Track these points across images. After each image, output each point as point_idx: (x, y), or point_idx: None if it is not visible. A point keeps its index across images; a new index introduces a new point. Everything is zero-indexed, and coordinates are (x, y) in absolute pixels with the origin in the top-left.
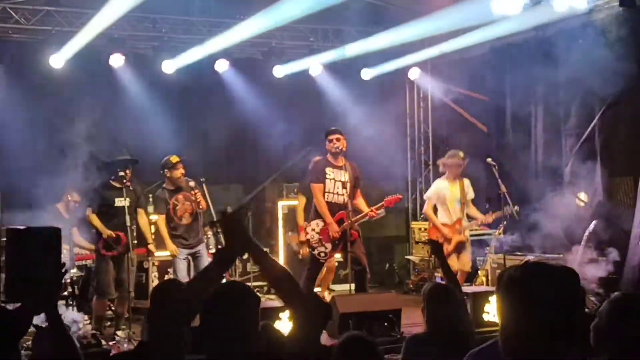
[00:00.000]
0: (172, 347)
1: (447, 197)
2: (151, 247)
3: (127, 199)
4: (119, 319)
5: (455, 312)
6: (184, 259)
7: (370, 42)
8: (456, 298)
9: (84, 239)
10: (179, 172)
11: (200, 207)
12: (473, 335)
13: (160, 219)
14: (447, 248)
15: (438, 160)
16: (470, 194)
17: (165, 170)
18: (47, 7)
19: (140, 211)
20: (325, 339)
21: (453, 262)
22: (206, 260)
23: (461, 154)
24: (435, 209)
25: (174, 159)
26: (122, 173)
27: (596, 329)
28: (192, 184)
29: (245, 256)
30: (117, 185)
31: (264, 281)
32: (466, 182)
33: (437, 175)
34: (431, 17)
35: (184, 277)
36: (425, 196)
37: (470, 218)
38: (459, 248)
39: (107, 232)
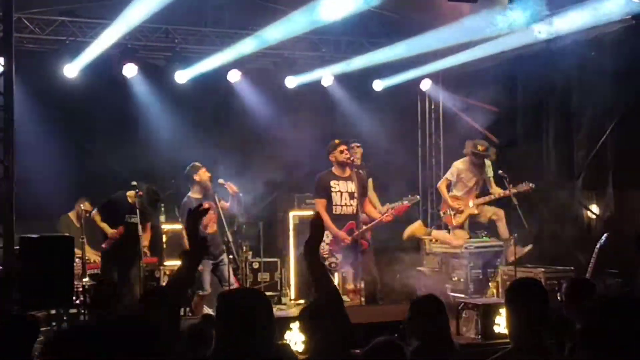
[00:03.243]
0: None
1: (465, 178)
2: (145, 250)
3: (138, 217)
4: None
5: (443, 325)
6: (210, 271)
7: (381, 53)
8: (445, 311)
9: (91, 250)
10: (206, 174)
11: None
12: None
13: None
14: (458, 220)
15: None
16: (490, 172)
17: (194, 175)
18: (61, 18)
19: (146, 225)
20: None
21: (461, 239)
22: (226, 270)
23: (480, 147)
24: (449, 187)
25: (197, 163)
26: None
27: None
28: (221, 181)
29: (256, 266)
30: (131, 201)
31: (274, 291)
32: (487, 161)
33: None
34: (443, 29)
35: (207, 289)
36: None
37: (491, 194)
38: (474, 220)
39: (112, 232)
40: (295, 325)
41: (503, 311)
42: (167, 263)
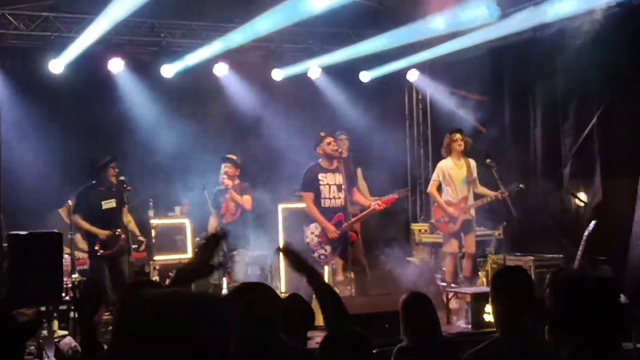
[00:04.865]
0: None
1: (453, 176)
2: (140, 238)
3: (114, 200)
4: None
5: (432, 321)
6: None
7: (368, 44)
8: (432, 307)
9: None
10: (225, 168)
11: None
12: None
13: (214, 214)
14: (453, 227)
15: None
16: (474, 174)
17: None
18: (46, 13)
19: (124, 210)
20: None
21: (455, 246)
22: (241, 266)
23: (452, 134)
24: (440, 189)
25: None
26: (112, 178)
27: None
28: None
29: (246, 259)
30: (102, 188)
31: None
32: (472, 162)
33: None
34: (429, 19)
35: (215, 278)
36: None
37: (479, 197)
38: (465, 228)
39: (103, 233)
40: None
41: None
42: (156, 258)
